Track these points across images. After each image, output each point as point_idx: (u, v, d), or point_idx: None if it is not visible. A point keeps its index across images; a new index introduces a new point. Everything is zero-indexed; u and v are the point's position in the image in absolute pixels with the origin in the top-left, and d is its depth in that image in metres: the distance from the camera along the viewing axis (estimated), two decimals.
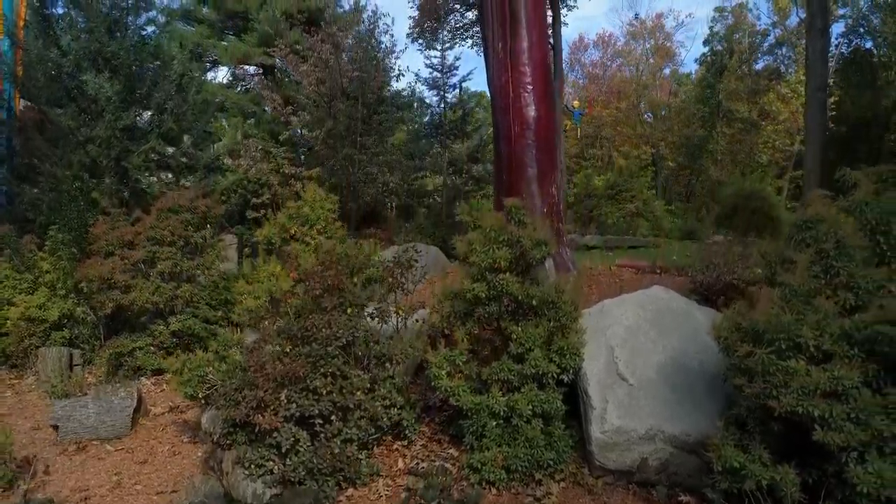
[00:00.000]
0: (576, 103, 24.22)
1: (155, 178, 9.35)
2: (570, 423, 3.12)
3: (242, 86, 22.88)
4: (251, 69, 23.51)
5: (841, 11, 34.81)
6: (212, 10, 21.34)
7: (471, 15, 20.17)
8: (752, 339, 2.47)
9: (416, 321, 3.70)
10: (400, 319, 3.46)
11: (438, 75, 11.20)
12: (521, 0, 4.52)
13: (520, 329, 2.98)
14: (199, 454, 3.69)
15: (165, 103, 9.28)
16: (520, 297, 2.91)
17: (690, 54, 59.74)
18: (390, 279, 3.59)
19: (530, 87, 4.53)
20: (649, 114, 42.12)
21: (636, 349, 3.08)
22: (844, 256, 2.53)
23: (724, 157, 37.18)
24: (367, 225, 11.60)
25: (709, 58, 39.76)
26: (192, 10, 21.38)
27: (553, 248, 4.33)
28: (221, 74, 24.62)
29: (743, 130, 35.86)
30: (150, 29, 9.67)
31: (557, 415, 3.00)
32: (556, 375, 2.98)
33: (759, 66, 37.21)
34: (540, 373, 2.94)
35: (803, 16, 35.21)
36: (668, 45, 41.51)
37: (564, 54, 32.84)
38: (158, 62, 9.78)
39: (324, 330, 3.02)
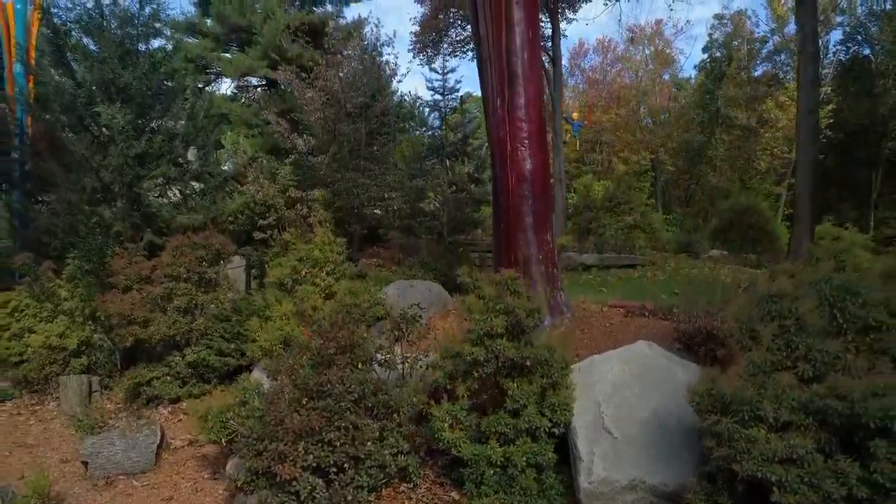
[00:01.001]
0: (575, 115, 24.53)
1: (165, 200, 9.66)
2: (562, 470, 3.44)
3: (247, 97, 23.23)
4: (254, 80, 23.86)
5: (839, 19, 34.97)
6: (216, 23, 21.68)
7: (470, 29, 20.51)
8: (720, 408, 2.78)
9: (420, 367, 4.01)
10: (406, 368, 3.77)
11: (440, 97, 11.49)
12: (518, 60, 4.83)
13: (515, 385, 3.30)
14: (221, 492, 4.00)
15: (176, 130, 9.59)
16: (515, 359, 3.22)
17: (690, 60, 59.50)
18: (396, 332, 3.90)
19: (527, 140, 4.84)
20: (649, 119, 42.42)
21: (621, 405, 3.39)
22: (803, 332, 2.84)
23: (722, 164, 37.51)
24: (369, 243, 11.90)
25: (708, 64, 40.08)
26: (196, 24, 21.74)
27: (549, 293, 4.64)
28: (225, 86, 24.94)
29: (742, 137, 36.17)
30: (158, 43, 9.94)
31: (549, 465, 3.31)
32: (548, 429, 3.30)
33: (758, 72, 37.52)
34: (533, 427, 3.25)
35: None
36: (668, 51, 41.78)
37: (564, 60, 33.07)
38: (170, 84, 10.10)
39: (338, 386, 3.33)
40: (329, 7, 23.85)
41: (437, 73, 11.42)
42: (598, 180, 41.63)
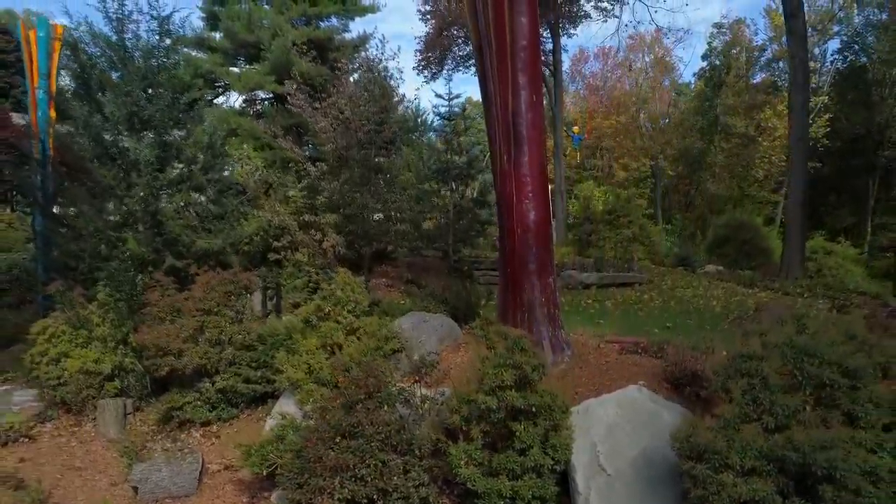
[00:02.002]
0: (576, 128, 25.04)
1: (183, 222, 10.14)
2: (563, 501, 3.95)
3: (254, 110, 23.74)
4: (262, 94, 24.33)
5: (836, 28, 35.42)
6: (224, 39, 22.19)
7: (469, 46, 21.00)
8: (696, 455, 3.28)
9: (438, 403, 4.51)
10: (425, 408, 4.28)
11: (446, 121, 12.00)
12: (523, 122, 5.34)
13: (522, 428, 3.81)
14: None
15: (196, 159, 10.11)
16: (522, 407, 3.73)
17: (689, 67, 59.88)
18: (416, 375, 4.41)
19: (531, 194, 5.35)
20: (648, 124, 42.81)
21: (614, 444, 3.90)
22: (767, 389, 3.34)
23: (721, 171, 37.97)
24: (378, 262, 12.40)
25: (707, 72, 40.54)
26: (205, 39, 22.26)
27: (551, 332, 5.17)
28: (233, 98, 25.45)
29: (740, 145, 36.62)
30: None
31: (552, 497, 3.82)
32: (551, 466, 3.81)
33: (757, 78, 37.94)
34: (538, 465, 3.76)
35: None
36: (668, 59, 42.22)
37: (565, 65, 33.55)
38: (190, 114, 10.62)
39: (368, 428, 3.84)
40: (334, 21, 24.41)
41: (444, 98, 11.95)
42: (599, 185, 42.22)
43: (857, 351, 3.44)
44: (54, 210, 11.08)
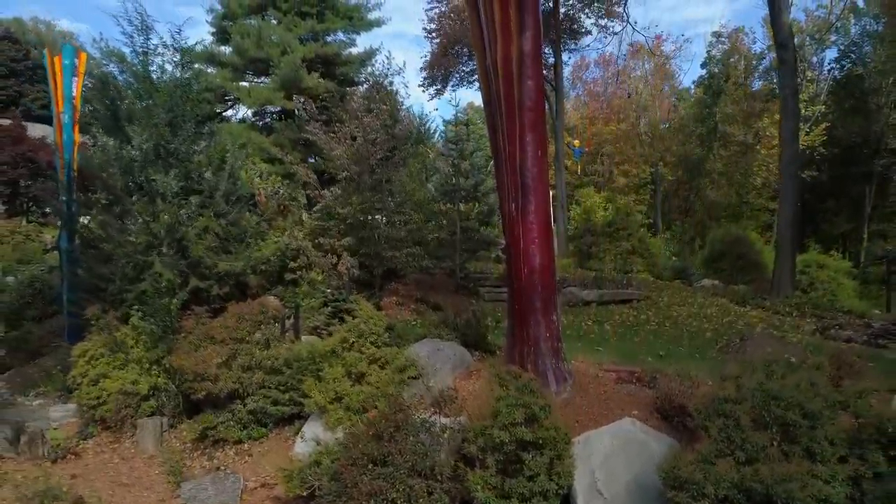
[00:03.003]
0: (576, 142, 25.69)
1: (205, 244, 10.73)
2: None
3: (264, 122, 24.36)
4: (270, 107, 24.96)
5: (833, 38, 36.00)
6: (234, 54, 22.82)
7: (473, 63, 21.56)
8: (678, 484, 3.88)
9: (455, 431, 5.11)
10: (445, 438, 4.89)
11: (453, 146, 12.61)
12: (529, 174, 5.95)
13: (530, 458, 4.41)
14: None
15: (218, 187, 10.72)
16: (530, 440, 4.34)
17: (689, 75, 60.46)
18: (436, 407, 5.02)
19: (536, 240, 5.97)
20: (648, 131, 43.30)
21: (610, 472, 4.50)
22: (739, 428, 3.94)
23: (720, 178, 38.54)
24: (388, 280, 13.01)
25: (706, 80, 41.11)
26: (215, 55, 22.88)
27: (554, 364, 5.79)
28: (242, 111, 26.11)
29: (739, 153, 37.17)
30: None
31: None
32: (555, 490, 4.41)
33: (756, 85, 38.52)
34: (545, 489, 4.36)
35: (796, 42, 36.36)
36: (668, 66, 42.76)
37: (566, 72, 34.13)
38: (212, 144, 11.24)
39: (398, 458, 4.45)
40: (341, 35, 25.02)
41: (451, 123, 12.57)
42: (599, 192, 42.84)
43: (815, 396, 4.04)
44: (81, 230, 11.64)
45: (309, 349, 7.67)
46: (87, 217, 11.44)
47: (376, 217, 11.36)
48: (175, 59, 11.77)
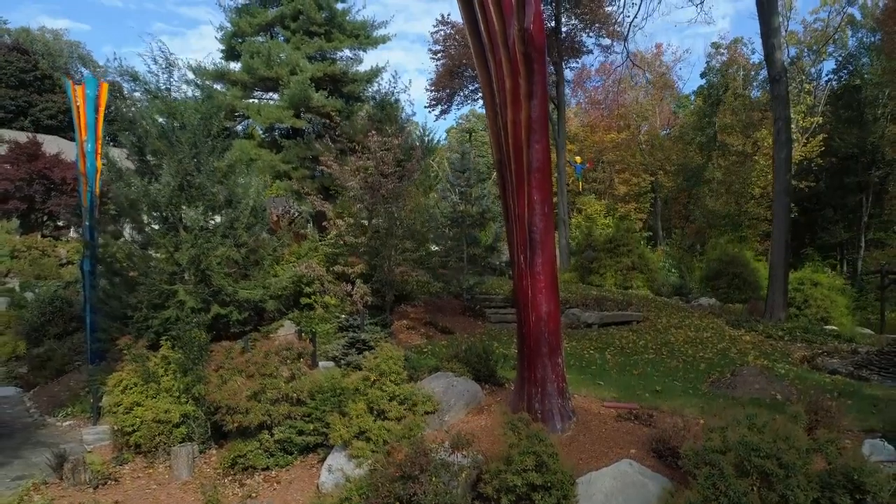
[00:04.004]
0: (578, 158, 26.29)
1: (225, 271, 11.30)
2: None
3: (272, 137, 24.91)
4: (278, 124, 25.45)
5: (830, 49, 36.54)
6: (244, 72, 23.38)
7: (476, 83, 22.21)
8: None
9: (471, 469, 5.68)
10: (462, 479, 5.46)
11: (460, 174, 13.19)
12: (537, 230, 6.52)
13: (539, 497, 4.98)
14: None
15: (239, 219, 11.32)
16: (540, 483, 4.91)
17: (689, 83, 61.01)
18: (453, 447, 5.59)
19: (544, 290, 6.53)
20: (649, 140, 43.81)
21: None
22: (723, 476, 4.51)
23: (720, 187, 39.10)
24: (398, 302, 13.58)
25: (705, 90, 41.65)
26: (225, 73, 23.44)
27: (560, 403, 6.37)
28: (248, 123, 26.72)
29: (737, 162, 37.72)
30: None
31: None
32: None
33: (756, 93, 39.07)
34: None
35: (794, 53, 36.73)
36: (668, 75, 43.27)
37: (567, 75, 34.64)
38: (233, 177, 11.82)
39: (423, 497, 5.03)
40: (347, 52, 25.58)
41: (458, 154, 13.14)
42: (600, 199, 43.29)
43: (790, 448, 4.60)
44: (107, 258, 12.19)
45: (330, 380, 8.25)
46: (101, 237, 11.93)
47: (388, 245, 11.93)
48: (196, 95, 12.41)
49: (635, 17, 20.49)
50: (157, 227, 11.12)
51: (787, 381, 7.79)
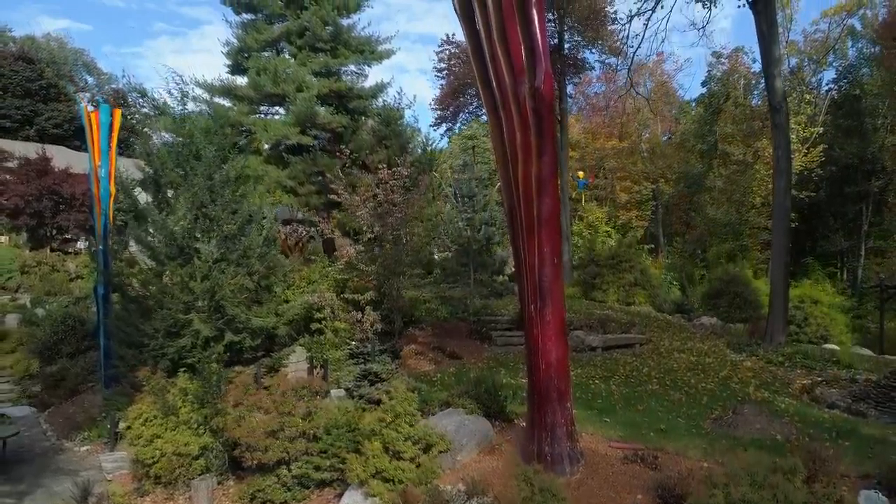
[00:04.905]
0: (580, 174, 26.56)
1: (238, 299, 11.58)
2: None
3: (279, 152, 25.17)
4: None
5: (830, 59, 36.78)
6: (250, 88, 23.69)
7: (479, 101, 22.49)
8: None
9: None
10: None
11: (468, 200, 13.47)
12: (546, 279, 6.80)
13: None
14: None
15: (252, 247, 11.59)
16: None
17: (690, 91, 61.31)
18: (468, 495, 5.87)
19: (553, 338, 6.82)
20: (650, 148, 44.00)
21: None
22: None
23: (721, 195, 39.35)
24: (406, 326, 13.86)
25: (706, 98, 41.88)
26: (231, 88, 23.76)
27: (569, 446, 6.66)
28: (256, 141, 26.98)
29: (738, 171, 37.97)
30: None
31: None
32: None
33: (756, 101, 39.30)
34: None
35: (794, 63, 36.96)
36: (669, 84, 43.48)
37: (569, 86, 34.91)
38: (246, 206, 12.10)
39: None
40: (352, 67, 25.85)
41: (464, 186, 13.42)
42: (602, 206, 43.54)
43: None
44: (125, 287, 12.47)
45: (345, 414, 8.53)
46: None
47: (396, 272, 12.21)
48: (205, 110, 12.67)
49: (637, 48, 20.67)
50: (172, 256, 11.39)
51: (787, 418, 8.06)
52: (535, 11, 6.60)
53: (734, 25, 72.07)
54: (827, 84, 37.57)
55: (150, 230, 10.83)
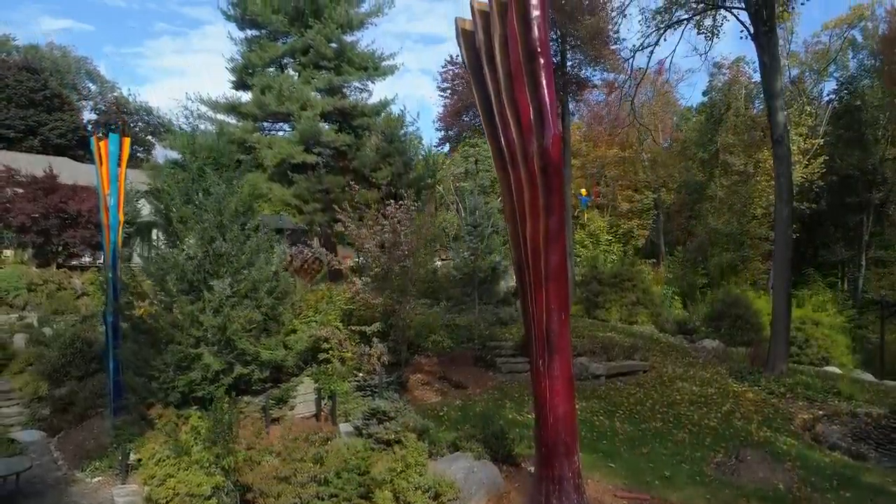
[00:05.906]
0: (583, 191, 26.71)
1: (248, 332, 11.70)
2: None
3: (282, 173, 25.34)
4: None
5: (831, 69, 36.93)
6: (254, 106, 23.86)
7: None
8: None
9: None
10: None
11: (473, 228, 13.62)
12: (555, 337, 6.95)
13: None
14: None
15: (262, 283, 11.74)
16: None
17: (691, 100, 61.51)
18: None
19: (560, 392, 6.96)
20: (651, 157, 44.15)
21: None
22: None
23: (721, 205, 39.51)
24: (413, 355, 14.00)
25: (707, 108, 42.00)
26: (236, 106, 23.94)
27: (578, 500, 6.81)
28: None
29: (739, 182, 38.13)
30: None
31: None
32: None
33: (757, 109, 39.45)
34: None
35: (795, 73, 37.08)
36: (670, 93, 43.59)
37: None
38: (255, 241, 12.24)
39: None
40: (356, 83, 26.01)
41: (471, 210, 13.58)
42: (603, 215, 43.70)
43: None
44: (136, 319, 12.62)
45: (355, 455, 8.69)
46: None
47: (403, 302, 12.35)
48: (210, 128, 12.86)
49: (641, 80, 20.72)
50: (184, 291, 11.52)
51: (789, 463, 8.20)
52: (543, 76, 6.75)
53: (734, 27, 72.27)
54: (828, 95, 37.71)
55: (162, 267, 10.96)
